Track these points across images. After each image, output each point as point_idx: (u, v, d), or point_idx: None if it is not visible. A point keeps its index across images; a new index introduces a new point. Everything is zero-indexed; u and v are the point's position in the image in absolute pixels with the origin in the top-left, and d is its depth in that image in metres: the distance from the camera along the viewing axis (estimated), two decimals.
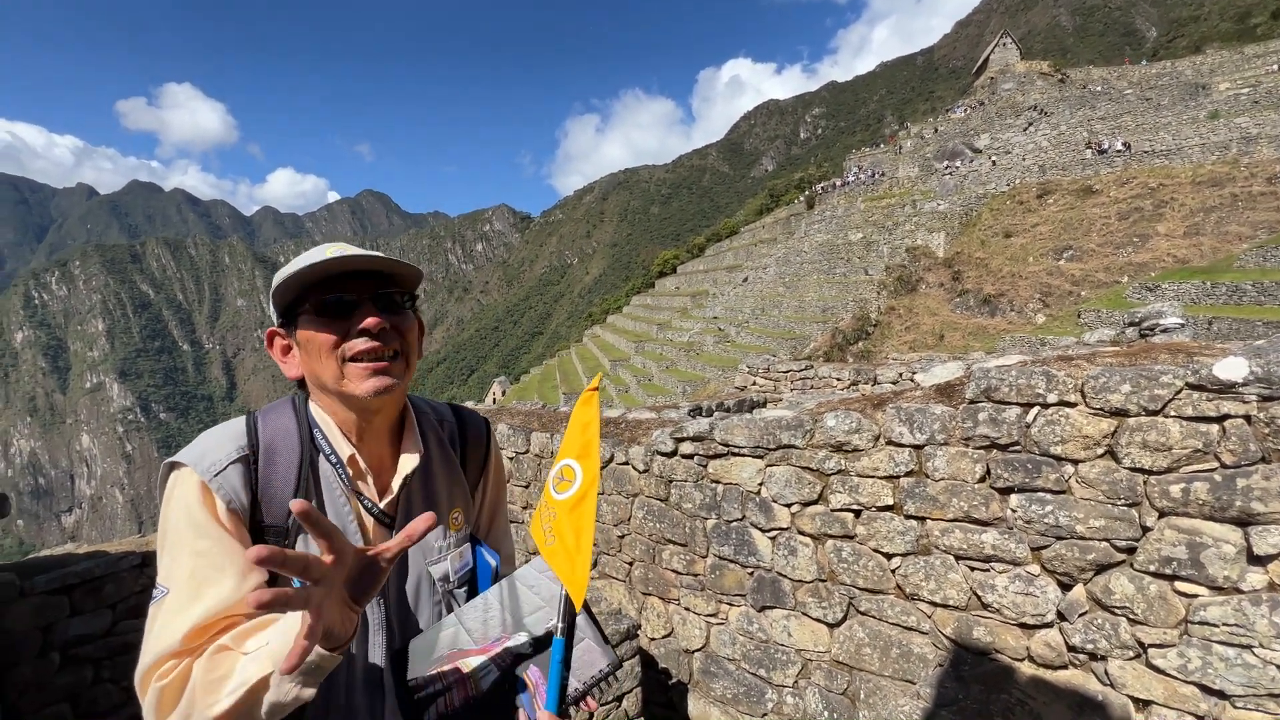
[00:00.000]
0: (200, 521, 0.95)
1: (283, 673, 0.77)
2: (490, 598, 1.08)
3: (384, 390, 1.00)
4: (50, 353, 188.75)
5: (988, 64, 48.71)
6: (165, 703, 0.85)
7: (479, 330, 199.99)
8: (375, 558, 0.85)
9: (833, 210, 35.85)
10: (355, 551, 0.83)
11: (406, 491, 1.12)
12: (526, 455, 5.78)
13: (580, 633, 1.03)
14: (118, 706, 4.14)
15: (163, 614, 0.91)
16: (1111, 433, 2.69)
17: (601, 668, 1.03)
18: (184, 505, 0.96)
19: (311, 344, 1.00)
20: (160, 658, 0.88)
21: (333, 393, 1.03)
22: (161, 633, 0.89)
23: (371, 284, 1.02)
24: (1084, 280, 20.95)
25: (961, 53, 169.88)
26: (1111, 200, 24.19)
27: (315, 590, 0.77)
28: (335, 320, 0.99)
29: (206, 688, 0.83)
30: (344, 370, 1.00)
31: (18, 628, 3.79)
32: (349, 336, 0.99)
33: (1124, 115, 30.54)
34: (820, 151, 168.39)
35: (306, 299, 1.00)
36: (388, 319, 1.01)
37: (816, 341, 23.28)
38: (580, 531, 0.99)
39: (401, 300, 1.06)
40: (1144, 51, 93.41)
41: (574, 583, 0.97)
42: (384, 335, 1.00)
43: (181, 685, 0.85)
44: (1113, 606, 2.70)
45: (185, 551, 0.94)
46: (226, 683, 0.83)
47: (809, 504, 3.64)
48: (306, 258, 0.98)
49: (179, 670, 0.86)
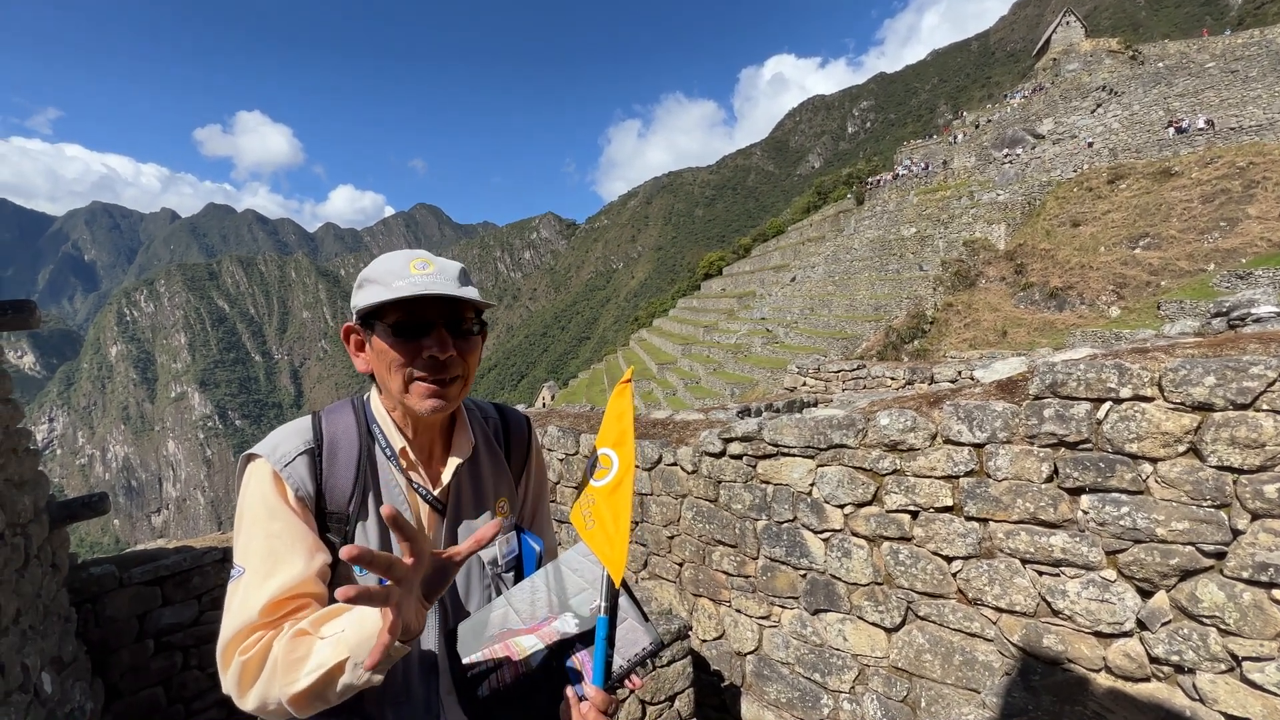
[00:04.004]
0: (273, 505, 1.04)
1: (366, 669, 0.82)
2: (537, 580, 1.13)
3: (439, 410, 1.08)
4: (140, 365, 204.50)
5: (1050, 44, 46.17)
6: (247, 676, 0.92)
7: (528, 336, 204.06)
8: (449, 559, 0.91)
9: (884, 205, 34.76)
10: (433, 555, 0.89)
11: (457, 480, 1.20)
12: (576, 457, 5.86)
13: (623, 612, 1.06)
14: (204, 691, 4.45)
15: (241, 590, 0.98)
16: (1194, 429, 2.51)
17: (645, 646, 1.05)
18: (259, 491, 1.05)
19: (384, 357, 1.08)
20: (240, 630, 0.95)
21: (394, 398, 1.12)
22: (240, 607, 0.97)
23: (446, 308, 1.07)
24: (1163, 269, 19.53)
25: (1020, 35, 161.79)
26: (1194, 182, 22.45)
27: (395, 589, 0.82)
28: (409, 341, 1.06)
29: (287, 667, 0.89)
30: (409, 387, 1.07)
31: (118, 615, 4.13)
32: (418, 357, 1.06)
33: (1206, 90, 28.35)
34: (869, 145, 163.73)
35: (385, 314, 1.06)
36: (456, 344, 1.07)
37: (869, 341, 22.61)
38: (618, 515, 1.04)
39: (470, 325, 1.12)
40: (1227, 20, 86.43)
41: (613, 562, 1.02)
42: (450, 363, 1.07)
43: (261, 661, 0.92)
44: (1200, 615, 2.51)
45: (260, 532, 1.02)
46: (305, 664, 0.89)
47: (863, 505, 3.55)
48: (396, 272, 1.05)
49: (259, 646, 0.93)
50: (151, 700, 4.21)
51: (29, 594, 3.15)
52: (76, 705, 3.45)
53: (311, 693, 0.88)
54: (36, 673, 3.01)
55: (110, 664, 4.07)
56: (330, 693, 0.89)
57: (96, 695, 3.82)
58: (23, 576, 3.10)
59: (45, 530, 3.67)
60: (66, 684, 3.41)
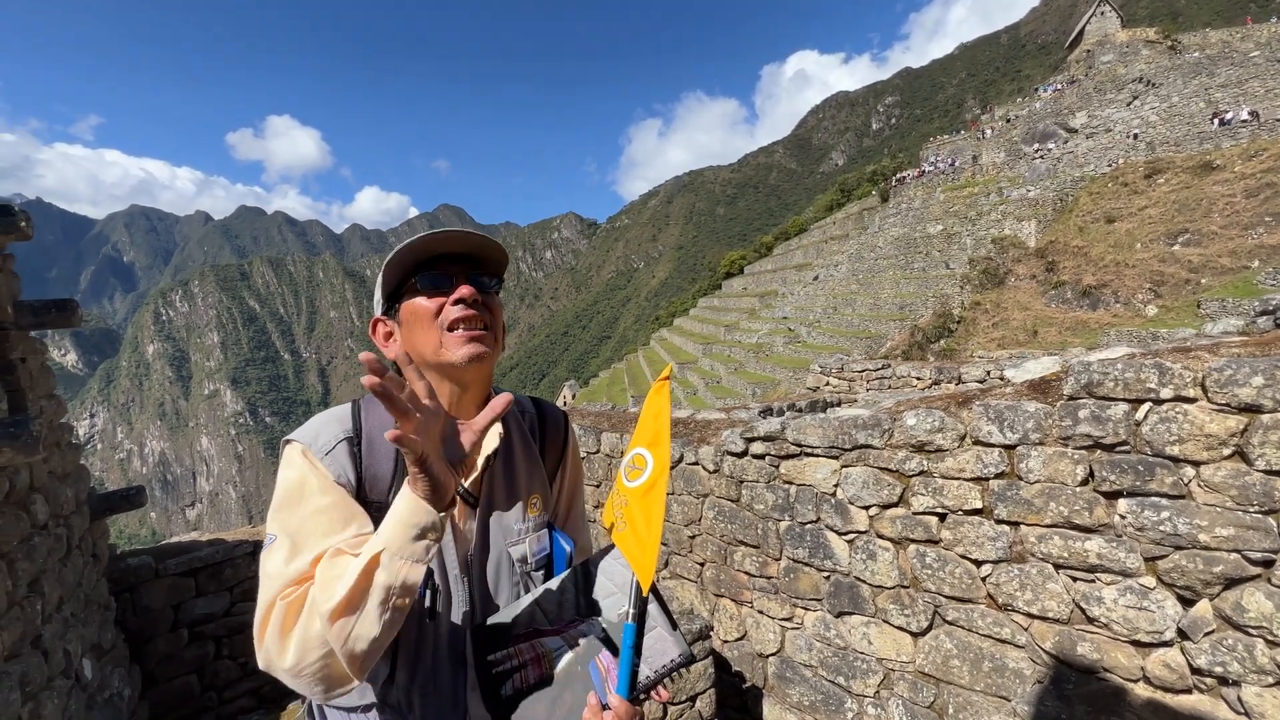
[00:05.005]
0: (321, 483, 1.03)
1: (390, 438, 0.83)
2: (565, 581, 1.11)
3: (478, 357, 1.10)
4: (175, 363, 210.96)
5: (1083, 35, 44.87)
6: (290, 617, 0.90)
7: (549, 335, 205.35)
8: (466, 426, 0.98)
9: (909, 202, 34.14)
10: (445, 412, 0.95)
11: (489, 472, 1.19)
12: (597, 455, 5.88)
13: (652, 620, 1.03)
14: (235, 680, 4.57)
15: (280, 553, 0.96)
16: (1240, 431, 2.41)
17: (673, 657, 1.02)
18: (304, 471, 1.04)
19: (415, 314, 1.11)
20: (289, 581, 0.93)
21: (431, 365, 1.12)
22: (285, 569, 0.94)
23: (465, 266, 1.13)
24: (1204, 267, 18.82)
25: (1052, 27, 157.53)
26: (1237, 176, 21.59)
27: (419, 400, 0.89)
28: (435, 293, 1.11)
29: (324, 585, 0.88)
30: (443, 339, 1.10)
31: (154, 605, 4.26)
32: (446, 305, 1.11)
33: (1250, 81, 27.20)
34: (894, 142, 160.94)
35: (411, 278, 1.12)
36: (481, 297, 1.13)
37: (893, 340, 22.23)
38: (651, 518, 1.00)
39: (489, 283, 1.16)
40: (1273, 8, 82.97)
41: (643, 568, 0.97)
42: (477, 306, 1.11)
43: (303, 600, 0.91)
44: (1246, 626, 2.41)
45: (308, 507, 1.00)
46: (342, 577, 0.88)
47: (888, 506, 3.48)
48: (405, 246, 1.10)
49: (302, 589, 0.92)
50: (185, 688, 4.33)
51: (71, 583, 3.26)
52: (115, 691, 3.57)
53: (350, 602, 0.86)
54: (78, 659, 3.11)
55: (146, 652, 4.21)
56: (368, 601, 0.86)
57: (134, 682, 3.94)
58: (65, 566, 3.22)
59: (86, 521, 3.80)
60: (106, 670, 3.52)
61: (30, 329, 3.33)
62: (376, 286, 1.16)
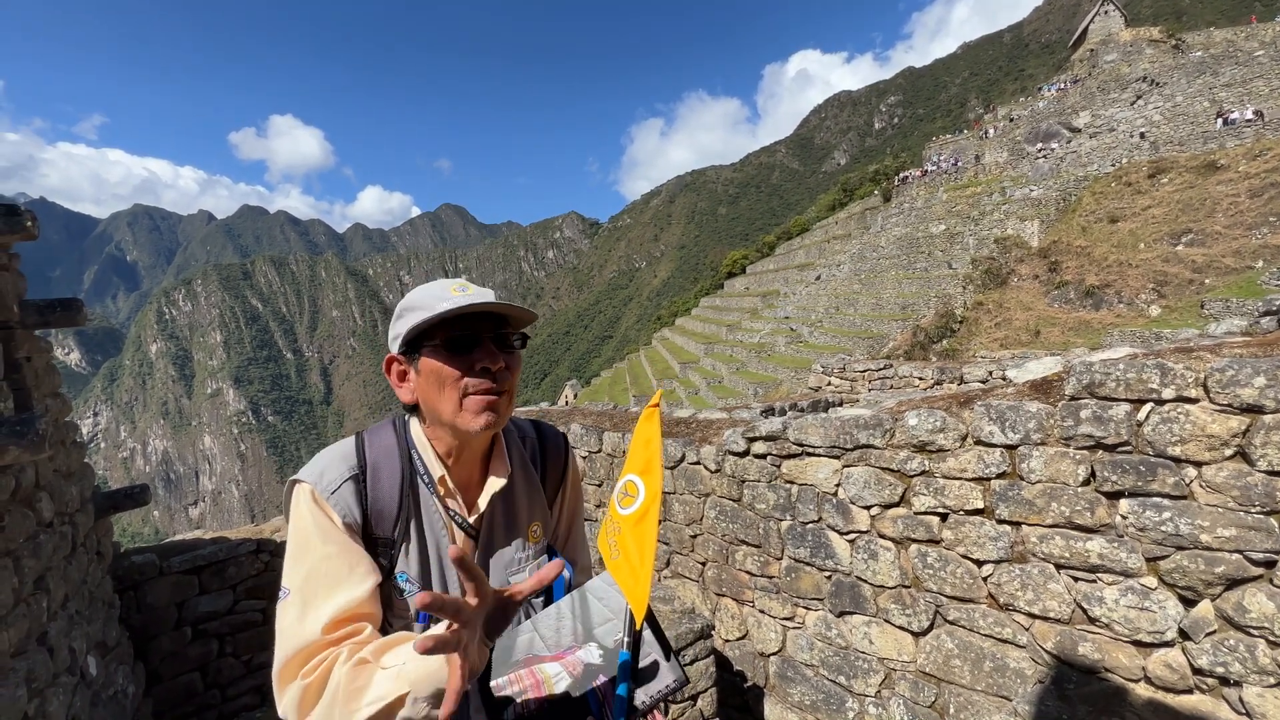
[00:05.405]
0: (325, 529, 1.06)
1: (443, 718, 0.82)
2: (563, 607, 1.13)
3: (490, 427, 1.09)
4: (178, 362, 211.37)
5: (1087, 35, 44.73)
6: (308, 699, 0.93)
7: (551, 335, 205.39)
8: (510, 597, 0.91)
9: (911, 202, 34.09)
10: (494, 594, 0.89)
11: (490, 506, 1.20)
12: (599, 454, 5.89)
13: (647, 648, 1.06)
14: (238, 678, 4.58)
15: (293, 610, 0.99)
16: (1242, 431, 2.41)
17: (668, 683, 1.05)
18: (310, 517, 1.06)
19: (437, 375, 1.09)
20: (302, 649, 0.96)
21: (445, 424, 1.12)
22: (299, 627, 0.98)
23: (490, 324, 1.11)
24: (1208, 267, 18.77)
25: (1055, 26, 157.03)
26: (1241, 176, 21.52)
27: (464, 632, 0.83)
28: (461, 355, 1.08)
29: (348, 695, 0.90)
30: (462, 404, 1.09)
31: (158, 603, 4.28)
32: (471, 370, 1.08)
33: (1255, 80, 27.08)
34: (897, 141, 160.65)
35: (433, 335, 1.09)
36: (503, 358, 1.10)
37: (895, 340, 22.20)
38: (643, 548, 1.02)
39: (513, 341, 1.15)
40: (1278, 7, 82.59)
41: (636, 597, 1.00)
42: (500, 375, 1.09)
43: (322, 685, 0.93)
44: (1248, 626, 2.41)
45: (315, 555, 1.03)
46: (365, 694, 0.89)
47: (890, 506, 3.49)
48: (437, 296, 1.08)
49: (321, 669, 0.94)
50: (189, 685, 4.35)
51: (76, 580, 3.28)
52: (120, 688, 3.59)
53: None
54: (83, 656, 3.13)
55: (150, 650, 4.23)
56: None
57: (138, 679, 3.96)
58: (70, 563, 3.23)
59: (91, 519, 3.82)
60: (110, 668, 3.54)
61: (36, 328, 3.35)
62: (394, 320, 1.13)
